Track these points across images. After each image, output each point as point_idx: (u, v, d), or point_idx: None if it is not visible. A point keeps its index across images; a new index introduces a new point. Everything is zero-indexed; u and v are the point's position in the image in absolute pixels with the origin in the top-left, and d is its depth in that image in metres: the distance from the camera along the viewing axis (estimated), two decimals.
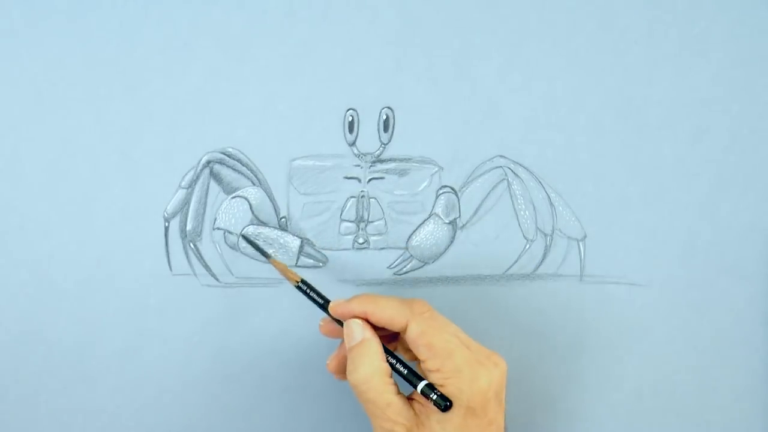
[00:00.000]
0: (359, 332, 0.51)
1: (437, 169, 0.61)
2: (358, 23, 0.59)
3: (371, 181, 0.61)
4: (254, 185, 0.60)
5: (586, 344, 0.63)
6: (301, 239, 0.60)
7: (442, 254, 0.62)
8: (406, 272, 0.61)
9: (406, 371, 0.50)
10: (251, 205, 0.60)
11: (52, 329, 0.59)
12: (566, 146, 0.62)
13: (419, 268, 0.62)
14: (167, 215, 0.59)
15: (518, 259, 0.62)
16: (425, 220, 0.61)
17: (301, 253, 0.60)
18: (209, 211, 0.60)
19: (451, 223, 0.61)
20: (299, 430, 0.62)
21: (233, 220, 0.59)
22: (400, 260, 0.61)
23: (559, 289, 0.63)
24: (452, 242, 0.62)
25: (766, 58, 0.62)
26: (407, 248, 0.61)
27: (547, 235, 0.62)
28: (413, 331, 0.49)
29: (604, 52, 0.61)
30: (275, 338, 0.61)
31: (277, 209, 0.60)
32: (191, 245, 0.60)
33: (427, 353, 0.49)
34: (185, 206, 0.59)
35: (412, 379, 0.49)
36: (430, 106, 0.60)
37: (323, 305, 0.54)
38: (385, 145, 0.61)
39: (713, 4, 0.62)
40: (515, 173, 0.62)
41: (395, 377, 0.50)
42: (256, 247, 0.59)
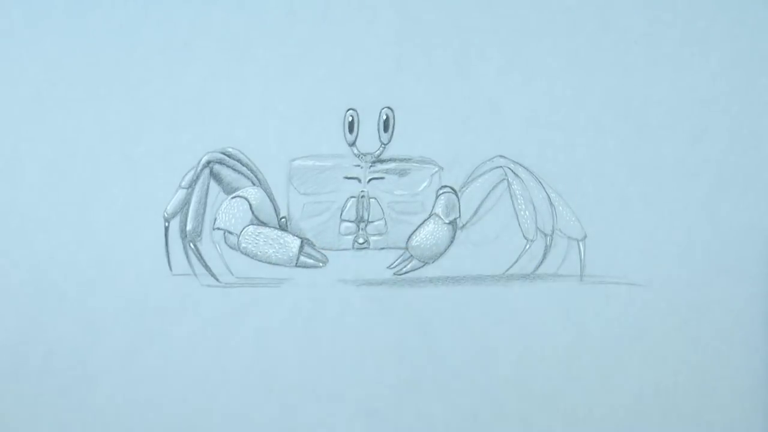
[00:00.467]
0: None
1: (437, 169, 0.61)
2: (358, 23, 0.59)
3: (371, 181, 0.61)
4: (254, 185, 0.60)
5: (586, 344, 0.63)
6: (301, 239, 0.60)
7: (442, 254, 0.62)
8: (406, 272, 0.61)
9: None
10: (251, 205, 0.59)
11: (52, 329, 0.59)
12: (566, 146, 0.62)
13: (419, 268, 0.62)
14: (167, 215, 0.59)
15: (518, 259, 0.62)
16: (425, 220, 0.61)
17: (301, 253, 0.60)
18: (209, 211, 0.60)
19: (451, 223, 0.61)
20: (299, 430, 0.62)
21: (233, 220, 0.59)
22: (400, 260, 0.61)
23: (559, 289, 0.63)
24: (452, 242, 0.62)
25: (766, 58, 0.62)
26: (407, 248, 0.61)
27: (547, 235, 0.62)
28: None
29: (604, 52, 0.61)
30: (275, 338, 0.61)
31: (277, 209, 0.60)
32: (191, 245, 0.60)
33: None
34: (185, 206, 0.59)
35: None
36: (430, 106, 0.60)
37: None
38: (385, 145, 0.61)
39: (713, 4, 0.62)
40: (515, 173, 0.61)
41: None
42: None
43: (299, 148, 0.60)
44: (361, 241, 0.61)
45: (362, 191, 0.61)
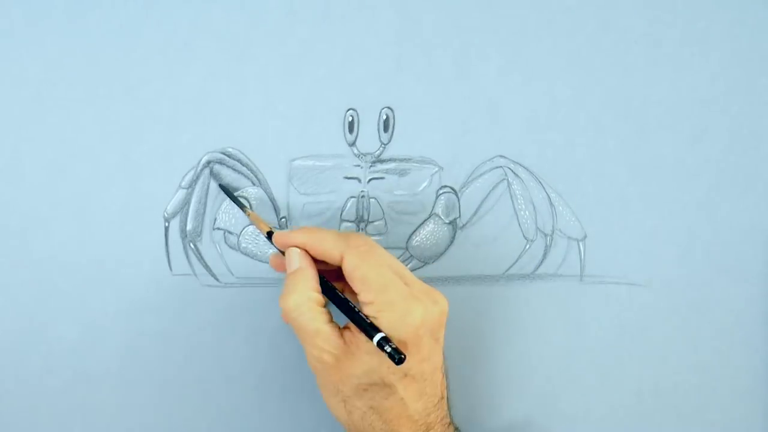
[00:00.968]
0: (296, 261, 0.51)
1: (437, 169, 0.61)
2: (358, 23, 0.59)
3: (371, 181, 0.61)
4: (254, 185, 0.60)
5: (586, 344, 0.63)
6: None
7: (442, 254, 0.62)
8: None
9: (348, 311, 0.50)
10: (251, 205, 0.60)
11: (52, 329, 0.59)
12: (566, 146, 0.62)
13: (419, 268, 0.62)
14: (167, 215, 0.59)
15: (518, 259, 0.62)
16: (425, 220, 0.61)
17: None
18: (209, 211, 0.60)
19: (451, 223, 0.61)
20: (299, 430, 0.62)
21: (233, 220, 0.59)
22: (400, 260, 0.61)
23: (559, 289, 0.63)
24: (452, 242, 0.62)
25: (766, 58, 0.62)
26: (407, 248, 0.61)
27: (547, 235, 0.62)
28: (348, 264, 0.49)
29: (604, 52, 0.61)
30: (275, 338, 0.61)
31: (277, 209, 0.60)
32: (191, 245, 0.60)
33: (360, 286, 0.49)
34: (185, 206, 0.59)
35: (361, 323, 0.48)
36: (430, 106, 0.60)
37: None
38: (385, 145, 0.61)
39: (713, 4, 0.62)
40: (515, 173, 0.62)
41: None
42: (232, 198, 0.58)
43: (299, 148, 0.60)
44: None
45: (362, 191, 0.61)
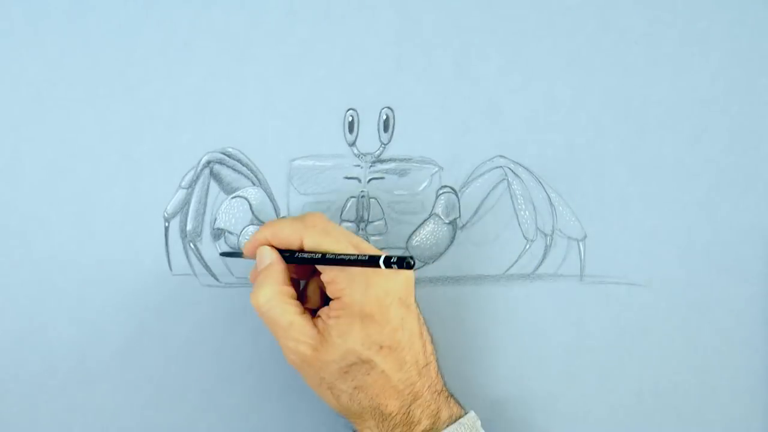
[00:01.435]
0: (266, 258, 0.51)
1: (437, 169, 0.61)
2: (358, 23, 0.59)
3: (371, 181, 0.61)
4: (254, 185, 0.60)
5: (586, 344, 0.63)
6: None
7: (442, 254, 0.62)
8: None
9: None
10: (251, 205, 0.59)
11: (52, 329, 0.59)
12: (566, 146, 0.62)
13: (419, 268, 0.62)
14: (167, 215, 0.59)
15: (518, 259, 0.62)
16: (425, 220, 0.61)
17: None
18: (209, 211, 0.60)
19: (451, 223, 0.61)
20: (299, 430, 0.62)
21: (233, 220, 0.59)
22: None
23: (559, 289, 0.63)
24: (452, 242, 0.62)
25: (766, 58, 0.62)
26: (407, 248, 0.61)
27: (547, 235, 0.62)
28: (307, 244, 0.49)
29: (604, 52, 0.61)
30: (275, 338, 0.61)
31: (277, 209, 0.60)
32: (191, 245, 0.60)
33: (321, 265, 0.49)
34: (185, 206, 0.59)
35: (357, 262, 0.47)
36: (430, 106, 0.60)
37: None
38: (385, 145, 0.61)
39: (713, 4, 0.62)
40: (515, 173, 0.62)
41: None
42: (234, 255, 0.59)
43: (299, 148, 0.60)
44: None
45: (362, 191, 0.61)
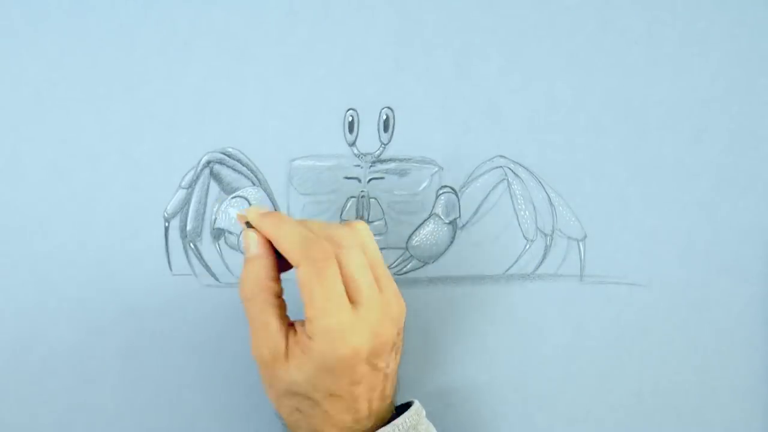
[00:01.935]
0: (254, 247, 0.49)
1: (437, 169, 0.61)
2: (358, 23, 0.59)
3: (371, 181, 0.61)
4: (254, 185, 0.60)
5: (586, 344, 0.63)
6: None
7: (442, 254, 0.62)
8: (406, 272, 0.61)
9: None
10: (251, 205, 0.59)
11: (52, 329, 0.59)
12: (566, 146, 0.62)
13: (419, 268, 0.62)
14: (167, 215, 0.59)
15: (518, 259, 0.62)
16: (425, 220, 0.61)
17: None
18: (209, 211, 0.60)
19: (451, 223, 0.61)
20: None
21: (233, 220, 0.59)
22: (400, 260, 0.61)
23: (559, 289, 0.63)
24: (452, 242, 0.62)
25: (766, 58, 0.62)
26: (407, 248, 0.61)
27: (547, 235, 0.62)
28: (299, 276, 0.46)
29: (604, 52, 0.61)
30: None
31: (277, 209, 0.60)
32: (191, 245, 0.60)
33: (306, 301, 0.46)
34: (185, 206, 0.59)
35: None
36: (430, 106, 0.60)
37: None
38: (385, 145, 0.61)
39: (713, 4, 0.62)
40: (515, 173, 0.62)
41: None
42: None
43: (299, 148, 0.60)
44: None
45: (362, 191, 0.61)
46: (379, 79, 0.60)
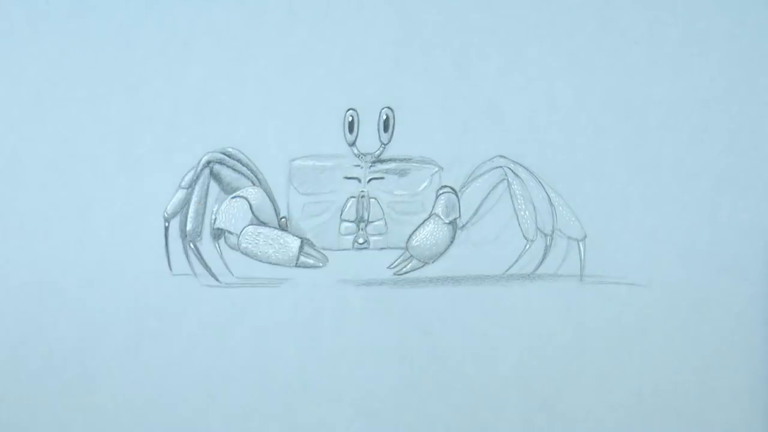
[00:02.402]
0: None
1: (437, 169, 0.61)
2: (358, 23, 0.59)
3: (371, 181, 0.61)
4: (254, 185, 0.60)
5: (586, 344, 0.63)
6: (301, 239, 0.60)
7: (442, 254, 0.62)
8: (406, 272, 0.61)
9: None
10: (251, 205, 0.59)
11: (52, 329, 0.59)
12: (566, 146, 0.62)
13: (419, 268, 0.62)
14: (167, 215, 0.59)
15: (518, 259, 0.62)
16: (425, 220, 0.61)
17: (301, 253, 0.60)
18: (209, 211, 0.60)
19: (451, 223, 0.61)
20: (299, 430, 0.62)
21: (233, 220, 0.59)
22: (400, 260, 0.61)
23: (559, 289, 0.63)
24: (452, 242, 0.62)
25: (766, 58, 0.62)
26: (407, 248, 0.61)
27: (547, 235, 0.62)
28: None
29: (604, 52, 0.61)
30: (275, 338, 0.61)
31: (277, 209, 0.60)
32: (191, 245, 0.60)
33: None
34: (185, 206, 0.59)
35: None
36: (430, 106, 0.60)
37: None
38: (385, 145, 0.61)
39: (713, 4, 0.62)
40: (515, 173, 0.62)
41: None
42: None
43: (299, 148, 0.60)
44: (361, 241, 0.61)
45: (362, 191, 0.61)
46: (379, 79, 0.60)
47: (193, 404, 0.61)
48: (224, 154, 0.59)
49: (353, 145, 0.60)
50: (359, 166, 0.61)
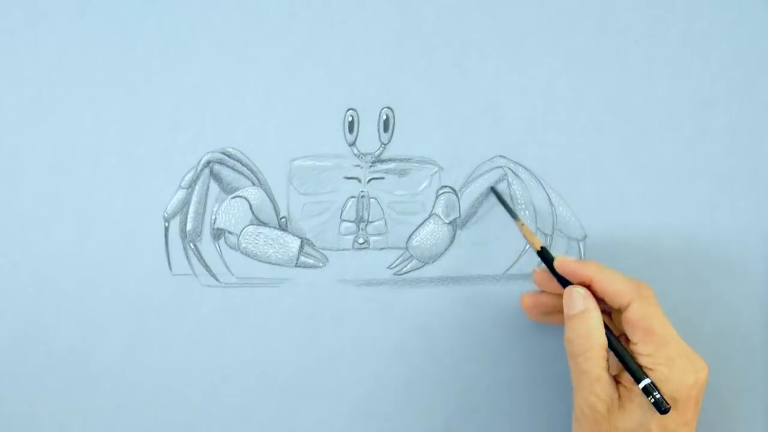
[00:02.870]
0: (580, 301, 0.51)
1: (437, 169, 0.61)
2: (358, 23, 0.59)
3: (371, 181, 0.61)
4: (254, 185, 0.60)
5: None
6: (301, 239, 0.60)
7: (442, 254, 0.62)
8: (406, 272, 0.61)
9: (623, 353, 0.50)
10: (251, 205, 0.60)
11: (52, 329, 0.59)
12: (566, 146, 0.62)
13: (419, 268, 0.62)
14: (167, 215, 0.59)
15: (518, 259, 0.62)
16: (425, 220, 0.61)
17: (301, 253, 0.60)
18: (209, 211, 0.60)
19: (451, 223, 0.61)
20: (299, 430, 0.62)
21: (233, 220, 0.59)
22: (400, 260, 0.61)
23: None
24: (452, 242, 0.62)
25: (766, 58, 0.62)
26: (407, 248, 0.61)
27: (547, 235, 0.62)
28: (635, 312, 0.50)
29: (604, 52, 0.61)
30: (275, 338, 0.61)
31: (277, 209, 0.60)
32: (191, 245, 0.60)
33: (643, 337, 0.49)
34: (185, 206, 0.59)
35: (631, 365, 0.50)
36: (430, 106, 0.60)
37: (549, 262, 0.55)
38: (385, 145, 0.61)
39: (713, 4, 0.62)
40: (515, 173, 0.62)
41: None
42: (505, 205, 0.59)
43: (299, 148, 0.60)
44: (361, 241, 0.61)
45: (362, 191, 0.61)
46: (379, 79, 0.60)
47: (193, 404, 0.61)
48: (224, 154, 0.59)
49: (353, 145, 0.60)
50: (359, 166, 0.61)
